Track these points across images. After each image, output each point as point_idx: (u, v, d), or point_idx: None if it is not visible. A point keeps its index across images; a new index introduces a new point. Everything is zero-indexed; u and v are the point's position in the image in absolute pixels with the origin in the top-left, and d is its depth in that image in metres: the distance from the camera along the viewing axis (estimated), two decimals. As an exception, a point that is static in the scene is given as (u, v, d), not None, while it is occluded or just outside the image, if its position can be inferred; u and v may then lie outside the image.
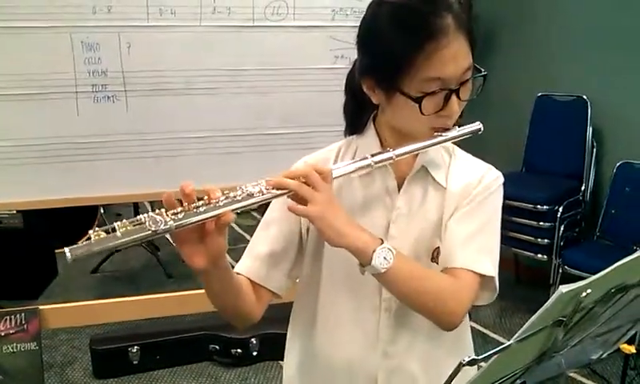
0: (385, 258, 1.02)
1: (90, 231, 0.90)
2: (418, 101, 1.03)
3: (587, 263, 3.23)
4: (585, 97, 3.69)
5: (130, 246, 0.92)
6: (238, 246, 4.68)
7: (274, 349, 3.23)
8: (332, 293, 1.22)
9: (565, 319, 0.75)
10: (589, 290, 0.71)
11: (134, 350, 3.08)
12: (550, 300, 0.70)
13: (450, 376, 0.74)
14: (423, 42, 1.00)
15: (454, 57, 1.02)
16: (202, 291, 1.07)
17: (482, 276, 1.11)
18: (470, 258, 1.11)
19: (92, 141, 2.76)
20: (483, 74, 1.10)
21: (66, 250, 0.87)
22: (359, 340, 1.21)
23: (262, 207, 1.11)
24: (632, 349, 2.85)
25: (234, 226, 5.32)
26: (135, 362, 3.09)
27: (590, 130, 3.68)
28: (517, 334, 0.72)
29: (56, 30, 2.58)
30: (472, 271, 1.10)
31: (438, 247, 1.15)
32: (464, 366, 0.72)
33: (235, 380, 3.11)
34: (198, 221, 0.93)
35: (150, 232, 0.90)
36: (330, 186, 1.05)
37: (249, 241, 1.22)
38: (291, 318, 1.35)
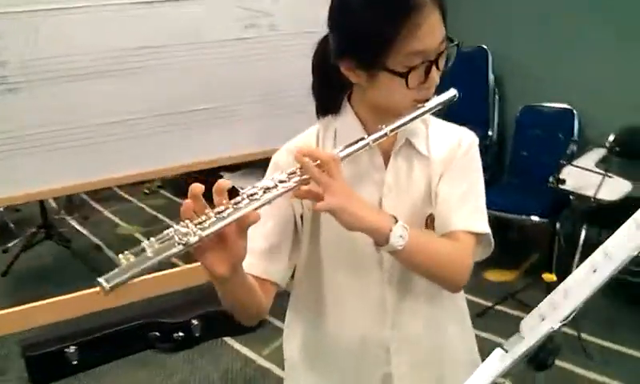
0: (401, 235, 1.04)
1: (120, 255, 0.86)
2: (405, 76, 1.05)
3: (500, 202, 3.39)
4: (485, 47, 3.88)
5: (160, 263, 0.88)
6: (153, 228, 4.62)
7: (216, 327, 3.22)
8: (334, 274, 1.24)
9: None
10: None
11: (72, 350, 2.95)
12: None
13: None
14: (405, 17, 1.02)
15: (432, 29, 1.05)
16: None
17: (478, 234, 1.17)
18: (466, 218, 1.16)
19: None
20: (456, 43, 1.14)
21: (101, 279, 0.82)
22: (368, 316, 1.24)
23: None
24: (553, 277, 3.10)
25: (144, 207, 5.18)
26: (74, 362, 2.95)
27: (491, 77, 3.90)
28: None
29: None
30: (470, 231, 1.16)
31: (430, 214, 1.20)
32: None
33: (182, 364, 3.06)
34: (225, 225, 0.90)
35: (181, 247, 0.86)
36: (342, 173, 1.05)
37: (162, 221, 1.19)
38: (291, 303, 1.35)
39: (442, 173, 1.19)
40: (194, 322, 3.17)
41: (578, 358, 2.93)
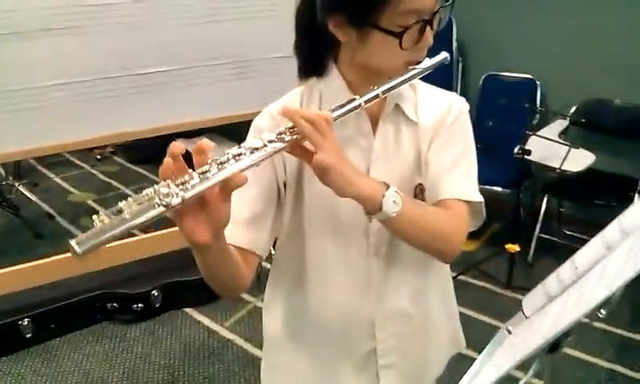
0: (394, 201, 0.99)
1: (94, 216, 0.78)
2: (399, 36, 1.00)
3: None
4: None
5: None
6: (107, 195, 4.46)
7: (176, 298, 3.14)
8: (317, 244, 1.18)
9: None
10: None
11: (25, 323, 2.82)
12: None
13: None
14: None
15: None
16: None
17: (469, 202, 1.13)
18: (458, 187, 1.12)
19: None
20: (450, 2, 1.09)
21: (72, 242, 0.73)
22: (352, 288, 1.20)
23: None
24: (516, 248, 3.14)
25: (97, 173, 5.00)
26: (28, 336, 2.83)
27: (455, 44, 3.87)
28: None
29: None
30: (462, 200, 1.12)
31: (420, 184, 1.15)
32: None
33: (142, 335, 2.98)
34: (210, 186, 0.82)
35: (162, 208, 0.78)
36: (334, 134, 0.98)
37: (117, 189, 1.11)
38: (271, 274, 1.29)
39: (432, 140, 1.14)
40: (155, 292, 3.07)
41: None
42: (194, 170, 0.83)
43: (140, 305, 3.05)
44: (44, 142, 2.80)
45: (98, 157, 5.22)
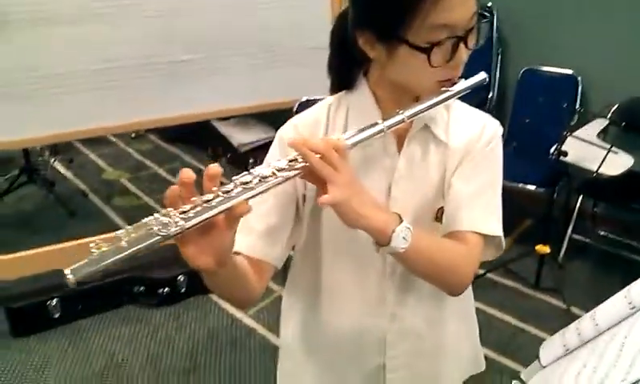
0: (404, 237, 0.96)
1: (92, 244, 0.78)
2: (427, 51, 0.95)
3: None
4: (489, 4, 3.73)
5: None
6: (140, 174, 4.51)
7: (201, 283, 3.12)
8: (334, 259, 1.17)
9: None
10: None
11: (54, 303, 2.87)
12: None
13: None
14: None
15: (462, 0, 0.95)
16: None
17: (487, 236, 1.09)
18: (477, 219, 1.08)
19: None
20: (488, 19, 1.04)
21: (67, 271, 0.75)
22: (366, 305, 1.18)
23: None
24: (547, 249, 3.07)
25: (131, 151, 5.06)
26: (56, 316, 2.89)
27: (495, 35, 3.76)
28: None
29: None
30: (478, 233, 1.08)
31: (442, 207, 1.11)
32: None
33: (167, 320, 3.01)
34: (211, 216, 0.82)
35: (159, 237, 0.78)
36: (348, 163, 0.96)
37: (150, 168, 1.10)
38: (287, 285, 1.29)
39: (459, 163, 1.10)
40: (181, 277, 3.10)
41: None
42: (201, 192, 0.82)
43: (166, 289, 3.09)
44: (85, 125, 2.85)
45: (133, 135, 5.27)
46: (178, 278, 3.10)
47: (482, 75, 1.10)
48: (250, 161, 4.09)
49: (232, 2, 2.94)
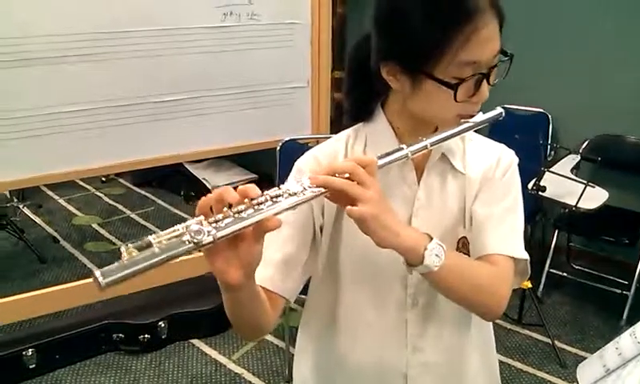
0: (437, 255, 0.95)
1: (122, 248, 0.75)
2: (454, 87, 0.97)
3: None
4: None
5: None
6: (112, 219, 4.42)
7: (183, 329, 3.08)
8: (352, 291, 1.15)
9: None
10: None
11: (29, 353, 2.76)
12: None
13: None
14: (462, 23, 0.94)
15: (490, 38, 0.97)
16: (90, 280, 0.82)
17: (515, 259, 1.09)
18: (504, 242, 1.08)
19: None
20: (510, 56, 1.07)
21: (97, 272, 0.71)
22: (387, 338, 1.16)
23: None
24: (528, 284, 3.10)
25: (102, 196, 4.96)
26: (32, 366, 2.77)
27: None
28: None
29: None
30: (508, 256, 1.08)
31: (463, 237, 1.12)
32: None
33: (148, 367, 2.92)
34: (243, 228, 0.81)
35: (192, 245, 0.76)
36: (378, 180, 0.94)
37: (122, 212, 1.08)
38: (303, 319, 1.27)
39: (478, 192, 1.11)
40: (161, 323, 3.01)
41: (553, 366, 2.94)
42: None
43: (146, 336, 2.99)
44: (55, 169, 2.76)
45: (103, 179, 5.18)
46: (159, 323, 3.01)
47: (498, 110, 1.13)
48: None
49: (213, 43, 2.94)
